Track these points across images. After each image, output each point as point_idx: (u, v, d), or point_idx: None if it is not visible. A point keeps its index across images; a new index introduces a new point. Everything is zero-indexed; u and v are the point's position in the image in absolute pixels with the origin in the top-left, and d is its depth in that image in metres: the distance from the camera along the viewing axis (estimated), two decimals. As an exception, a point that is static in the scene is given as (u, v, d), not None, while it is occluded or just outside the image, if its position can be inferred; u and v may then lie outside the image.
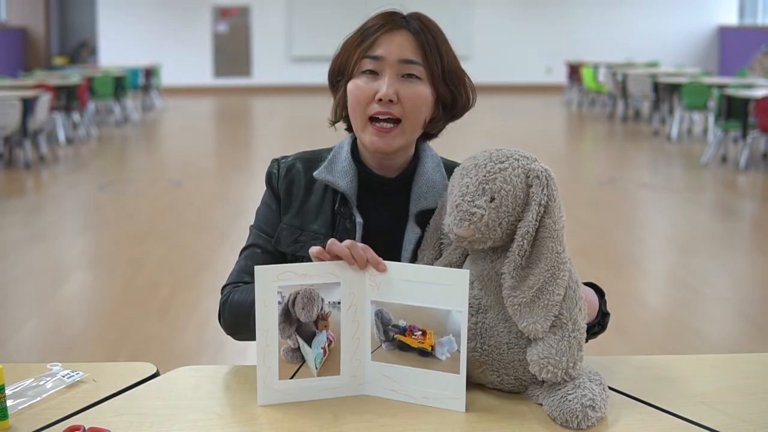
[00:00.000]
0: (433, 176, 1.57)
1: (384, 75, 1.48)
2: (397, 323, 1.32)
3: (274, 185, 1.61)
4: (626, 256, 5.63)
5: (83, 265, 5.55)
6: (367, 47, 1.49)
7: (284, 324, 1.30)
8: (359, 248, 1.32)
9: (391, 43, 1.48)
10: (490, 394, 1.36)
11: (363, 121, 1.51)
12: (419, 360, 1.32)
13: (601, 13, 18.61)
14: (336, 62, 1.55)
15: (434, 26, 1.53)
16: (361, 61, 1.49)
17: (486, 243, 1.32)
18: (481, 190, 1.30)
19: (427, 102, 1.51)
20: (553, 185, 1.31)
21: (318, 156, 1.62)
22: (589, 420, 1.23)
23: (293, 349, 1.31)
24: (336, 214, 1.56)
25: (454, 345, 1.29)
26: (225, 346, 3.81)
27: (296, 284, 1.29)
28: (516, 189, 1.30)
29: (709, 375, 1.46)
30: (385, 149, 1.51)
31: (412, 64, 1.49)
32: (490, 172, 1.31)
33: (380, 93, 1.47)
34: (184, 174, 8.68)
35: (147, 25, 18.08)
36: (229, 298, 1.55)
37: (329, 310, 1.32)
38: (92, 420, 1.27)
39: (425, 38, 1.50)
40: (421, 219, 1.54)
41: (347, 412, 1.30)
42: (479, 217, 1.29)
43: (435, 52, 1.50)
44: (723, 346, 3.95)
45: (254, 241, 1.61)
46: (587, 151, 11.10)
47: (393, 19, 1.51)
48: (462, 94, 1.56)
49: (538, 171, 1.31)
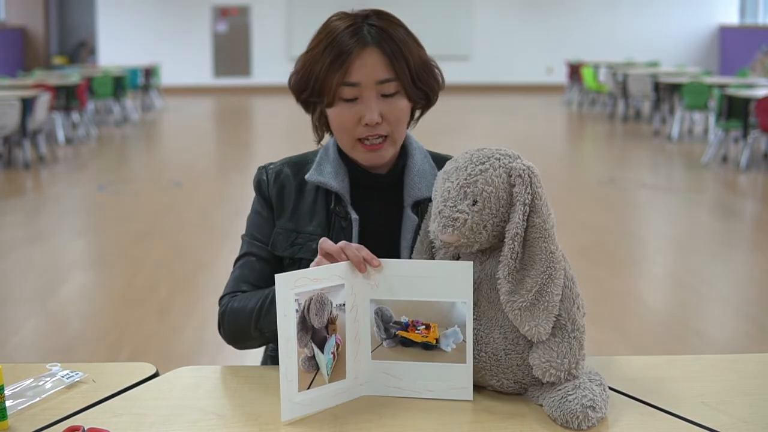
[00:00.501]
0: (423, 167, 1.59)
1: (364, 99, 1.49)
2: (399, 320, 1.33)
3: (264, 192, 1.62)
4: (626, 256, 5.63)
5: (83, 265, 5.55)
6: (342, 74, 1.47)
7: (301, 332, 1.28)
8: (353, 248, 1.33)
9: (363, 65, 1.48)
10: (490, 395, 1.36)
11: (352, 143, 1.53)
12: (423, 354, 1.33)
13: (601, 13, 18.61)
14: (305, 81, 1.52)
15: (394, 25, 1.51)
16: (339, 89, 1.49)
17: (473, 246, 1.31)
18: (463, 194, 1.29)
19: (406, 112, 1.53)
20: (537, 183, 1.29)
21: (304, 159, 1.63)
22: (590, 420, 1.23)
23: (309, 357, 1.29)
24: (331, 213, 1.56)
25: (460, 336, 1.31)
26: (225, 346, 3.78)
27: (309, 290, 1.28)
28: (498, 190, 1.29)
29: (709, 375, 1.46)
30: (379, 162, 1.55)
31: (388, 82, 1.49)
32: (470, 174, 1.30)
33: (365, 119, 1.48)
34: (184, 174, 8.68)
35: (147, 24, 18.08)
36: (227, 307, 1.55)
37: (336, 313, 1.32)
38: (92, 420, 1.27)
39: (390, 49, 1.49)
40: (416, 208, 1.57)
41: (347, 412, 1.30)
42: (462, 222, 1.28)
43: (402, 61, 1.49)
44: (723, 346, 3.95)
45: (248, 250, 1.61)
46: (587, 151, 11.10)
47: (358, 36, 1.48)
48: (433, 86, 1.56)
49: (520, 170, 1.29)
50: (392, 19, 1.53)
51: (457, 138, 10.51)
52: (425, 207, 1.55)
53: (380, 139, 1.51)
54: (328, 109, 1.52)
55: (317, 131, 1.60)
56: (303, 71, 1.53)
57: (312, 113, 1.58)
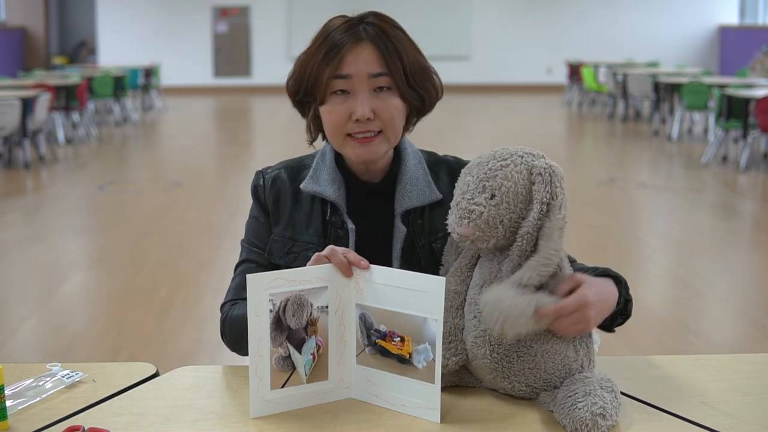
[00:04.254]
0: (415, 174, 1.57)
1: (356, 93, 1.47)
2: (378, 328, 1.31)
3: (261, 198, 1.61)
4: (626, 256, 5.62)
5: (83, 265, 5.55)
6: (334, 68, 1.46)
7: (275, 332, 1.28)
8: (339, 253, 1.32)
9: (356, 59, 1.47)
10: (499, 401, 1.34)
11: (342, 139, 1.51)
12: (398, 367, 1.30)
13: (601, 13, 18.60)
14: (299, 82, 1.52)
15: (390, 26, 1.51)
16: (330, 82, 1.47)
17: (489, 241, 1.30)
18: (482, 188, 1.29)
19: (401, 111, 1.51)
20: (557, 182, 1.28)
21: (300, 163, 1.62)
22: (599, 429, 1.21)
23: (284, 357, 1.29)
24: (327, 223, 1.55)
25: (430, 354, 1.26)
26: (224, 347, 3.80)
27: (286, 291, 1.28)
28: (517, 185, 1.28)
29: (709, 375, 1.46)
30: (370, 157, 1.51)
31: (381, 76, 1.47)
32: (491, 169, 1.29)
33: (356, 114, 1.46)
34: (184, 174, 8.68)
35: (147, 24, 18.07)
36: (228, 315, 1.56)
37: (318, 315, 1.31)
38: (92, 420, 1.27)
39: (384, 45, 1.47)
40: (407, 217, 1.55)
41: (346, 412, 1.30)
42: (478, 214, 1.28)
43: (395, 58, 1.48)
44: (723, 346, 3.95)
45: (247, 256, 1.61)
46: (587, 151, 11.10)
47: (353, 31, 1.48)
48: (430, 91, 1.54)
49: (541, 168, 1.28)
50: (390, 20, 1.53)
51: (457, 138, 10.52)
52: (416, 217, 1.54)
53: (372, 133, 1.49)
54: (321, 108, 1.51)
55: (310, 132, 1.59)
56: (298, 71, 1.52)
57: (306, 114, 1.57)
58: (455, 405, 1.32)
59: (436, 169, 1.61)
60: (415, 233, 1.55)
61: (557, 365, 1.31)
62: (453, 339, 1.34)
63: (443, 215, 1.38)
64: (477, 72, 17.86)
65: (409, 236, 1.54)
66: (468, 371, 1.38)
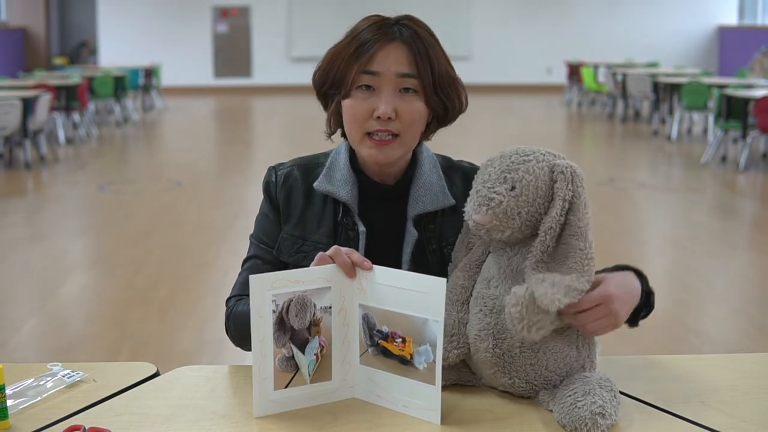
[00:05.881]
0: (429, 179, 1.56)
1: (381, 91, 1.47)
2: (381, 328, 1.31)
3: (272, 194, 1.60)
4: (626, 256, 5.61)
5: (83, 265, 5.55)
6: (364, 63, 1.46)
7: (279, 333, 1.28)
8: (343, 253, 1.32)
9: (386, 57, 1.46)
10: (499, 401, 1.35)
11: (360, 136, 1.50)
12: (400, 367, 1.30)
13: (601, 13, 18.60)
14: (326, 74, 1.52)
15: (425, 31, 1.51)
16: (358, 76, 1.47)
17: (504, 232, 1.30)
18: (503, 179, 1.30)
19: (423, 116, 1.50)
20: (579, 182, 1.30)
21: (315, 161, 1.61)
22: (599, 428, 1.21)
23: (287, 357, 1.29)
24: (338, 224, 1.54)
25: (431, 355, 1.26)
26: (225, 346, 3.81)
27: (289, 291, 1.28)
28: (538, 180, 1.29)
29: (709, 375, 1.46)
30: (385, 161, 1.50)
31: (409, 78, 1.47)
32: (513, 162, 1.30)
33: (378, 111, 1.46)
34: (184, 174, 8.68)
35: (147, 25, 18.07)
36: (233, 310, 1.55)
37: (321, 316, 1.31)
38: (92, 420, 1.27)
39: (417, 48, 1.47)
40: (419, 222, 1.54)
41: (346, 412, 1.30)
42: (497, 203, 1.28)
43: (426, 62, 1.48)
44: (723, 346, 3.95)
45: (255, 253, 1.60)
46: (587, 151, 11.10)
47: (386, 30, 1.48)
48: (454, 102, 1.53)
49: (563, 166, 1.30)
50: (425, 26, 1.53)
51: (457, 138, 10.49)
52: (429, 221, 1.54)
53: (390, 136, 1.48)
54: (344, 101, 1.50)
55: (330, 126, 1.58)
56: (326, 64, 1.52)
57: (328, 106, 1.56)
58: (456, 405, 1.32)
59: (451, 174, 1.60)
60: (426, 238, 1.54)
61: (558, 363, 1.31)
62: (456, 332, 1.35)
63: (456, 221, 1.38)
64: (477, 72, 17.84)
65: (420, 241, 1.53)
66: (467, 369, 1.39)
